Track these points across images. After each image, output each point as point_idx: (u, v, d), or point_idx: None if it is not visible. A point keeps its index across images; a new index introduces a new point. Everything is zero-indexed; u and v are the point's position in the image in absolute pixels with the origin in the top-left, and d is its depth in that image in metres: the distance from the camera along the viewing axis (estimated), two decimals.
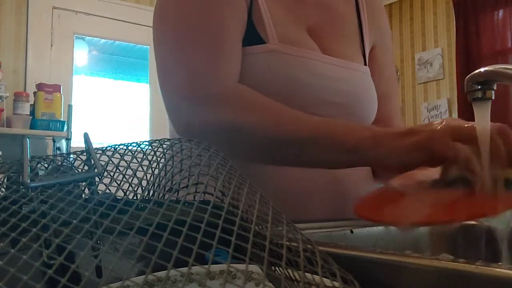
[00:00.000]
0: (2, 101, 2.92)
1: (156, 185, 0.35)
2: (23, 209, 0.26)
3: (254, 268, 0.37)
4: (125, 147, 0.35)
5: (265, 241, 0.25)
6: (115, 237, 0.23)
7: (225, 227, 0.24)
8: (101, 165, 0.32)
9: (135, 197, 0.32)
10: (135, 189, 0.32)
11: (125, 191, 0.32)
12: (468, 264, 0.31)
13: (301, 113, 0.66)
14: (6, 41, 3.19)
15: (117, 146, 0.35)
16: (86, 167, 0.33)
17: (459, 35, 3.92)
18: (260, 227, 0.27)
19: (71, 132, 3.00)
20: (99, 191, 0.31)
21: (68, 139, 2.99)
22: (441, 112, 4.12)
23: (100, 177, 0.32)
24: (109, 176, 0.33)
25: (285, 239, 0.26)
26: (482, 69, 0.52)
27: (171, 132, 0.82)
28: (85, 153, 0.34)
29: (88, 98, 3.73)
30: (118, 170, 0.33)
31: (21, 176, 0.30)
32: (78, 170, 0.33)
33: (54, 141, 3.13)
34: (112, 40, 3.79)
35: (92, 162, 0.33)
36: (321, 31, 0.82)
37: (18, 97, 2.93)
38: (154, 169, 0.35)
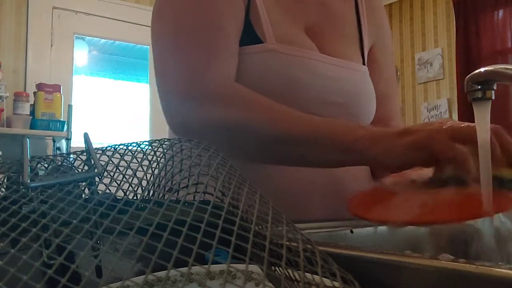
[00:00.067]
0: (2, 101, 2.92)
1: (156, 185, 0.35)
2: (23, 209, 0.26)
3: (254, 268, 0.37)
4: (125, 147, 0.35)
5: (265, 241, 0.25)
6: (115, 237, 0.23)
7: (225, 227, 0.24)
8: (101, 165, 0.32)
9: (135, 197, 0.32)
10: (135, 189, 0.32)
11: (125, 191, 0.32)
12: (468, 264, 0.31)
13: (299, 112, 0.66)
14: (6, 41, 3.19)
15: (117, 146, 0.35)
16: (86, 167, 0.34)
17: (459, 35, 3.92)
18: (260, 227, 0.27)
19: (71, 132, 3.00)
20: (99, 191, 0.31)
21: (68, 139, 2.99)
22: (441, 112, 4.12)
23: (100, 177, 0.32)
24: (109, 176, 0.33)
25: (285, 239, 0.26)
26: (482, 69, 0.52)
27: (171, 132, 0.82)
28: (85, 153, 0.34)
29: (88, 98, 3.73)
30: (118, 170, 0.33)
31: (21, 176, 0.30)
32: (78, 170, 0.33)
33: (54, 141, 3.13)
34: (112, 40, 3.79)
35: (92, 162, 0.33)
36: (320, 31, 0.82)
37: (18, 97, 2.94)
38: (154, 169, 0.35)
